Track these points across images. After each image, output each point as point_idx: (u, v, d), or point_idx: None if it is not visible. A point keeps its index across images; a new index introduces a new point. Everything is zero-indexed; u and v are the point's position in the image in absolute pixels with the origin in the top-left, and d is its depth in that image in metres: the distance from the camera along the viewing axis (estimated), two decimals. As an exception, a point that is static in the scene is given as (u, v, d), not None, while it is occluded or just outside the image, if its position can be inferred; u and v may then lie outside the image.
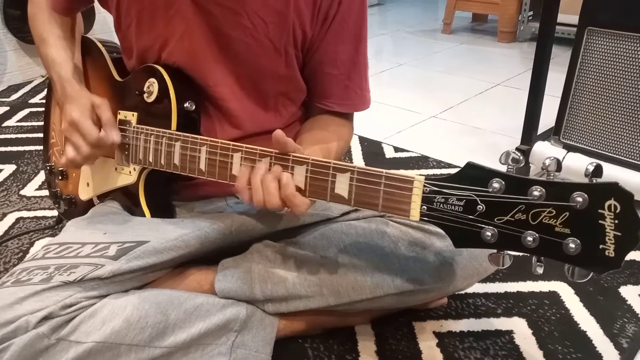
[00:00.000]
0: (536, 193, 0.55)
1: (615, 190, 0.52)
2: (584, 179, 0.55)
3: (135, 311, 0.77)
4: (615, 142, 1.43)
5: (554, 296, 1.09)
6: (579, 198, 0.53)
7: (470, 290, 1.05)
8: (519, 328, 1.01)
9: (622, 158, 1.42)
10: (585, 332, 1.00)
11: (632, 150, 1.40)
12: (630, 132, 1.39)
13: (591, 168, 0.54)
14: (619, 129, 1.41)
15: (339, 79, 0.92)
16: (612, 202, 0.52)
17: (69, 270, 0.78)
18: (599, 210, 0.53)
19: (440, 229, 0.63)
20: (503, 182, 0.57)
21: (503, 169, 0.59)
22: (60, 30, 0.98)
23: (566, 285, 1.12)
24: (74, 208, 1.05)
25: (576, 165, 1.42)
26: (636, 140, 1.39)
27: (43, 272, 0.78)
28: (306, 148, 0.81)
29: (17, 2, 2.42)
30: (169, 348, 0.78)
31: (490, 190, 0.58)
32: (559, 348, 0.96)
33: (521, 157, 0.59)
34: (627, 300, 1.08)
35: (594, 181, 0.54)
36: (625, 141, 1.41)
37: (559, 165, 0.56)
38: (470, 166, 0.60)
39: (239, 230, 0.91)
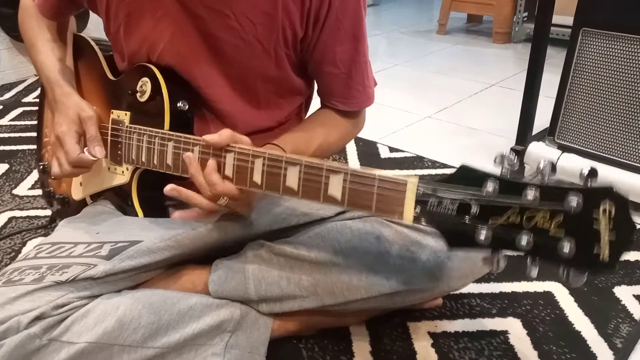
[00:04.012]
0: (530, 196, 0.55)
1: (610, 193, 0.52)
2: (579, 180, 0.54)
3: (128, 311, 0.77)
4: (610, 143, 1.43)
5: (548, 296, 1.09)
6: (574, 201, 0.53)
7: (465, 290, 1.05)
8: (514, 328, 1.01)
9: (617, 159, 1.42)
10: (580, 332, 1.00)
11: (626, 151, 1.41)
12: (624, 133, 1.40)
13: (586, 171, 0.54)
14: (614, 130, 1.42)
15: (340, 78, 0.92)
16: (606, 205, 0.52)
17: (61, 270, 0.77)
18: (594, 214, 0.53)
19: (435, 229, 0.63)
20: (497, 184, 0.57)
21: (498, 170, 0.59)
22: (49, 34, 0.98)
23: (561, 285, 1.12)
24: (67, 207, 1.05)
25: (571, 166, 1.42)
26: (630, 141, 1.39)
27: (35, 272, 0.78)
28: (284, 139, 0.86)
29: (9, 0, 2.40)
30: (162, 349, 0.78)
31: (484, 192, 0.57)
32: (554, 348, 0.96)
33: (516, 159, 0.58)
34: (621, 301, 1.08)
35: (589, 184, 0.54)
36: (620, 142, 1.41)
37: (553, 167, 0.56)
38: (464, 168, 0.59)
39: (233, 230, 0.90)
